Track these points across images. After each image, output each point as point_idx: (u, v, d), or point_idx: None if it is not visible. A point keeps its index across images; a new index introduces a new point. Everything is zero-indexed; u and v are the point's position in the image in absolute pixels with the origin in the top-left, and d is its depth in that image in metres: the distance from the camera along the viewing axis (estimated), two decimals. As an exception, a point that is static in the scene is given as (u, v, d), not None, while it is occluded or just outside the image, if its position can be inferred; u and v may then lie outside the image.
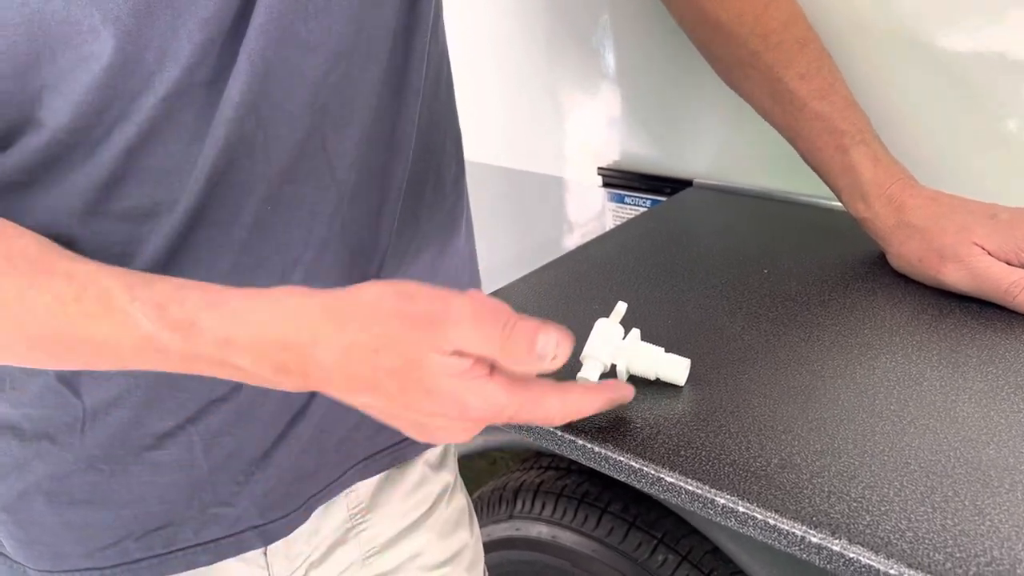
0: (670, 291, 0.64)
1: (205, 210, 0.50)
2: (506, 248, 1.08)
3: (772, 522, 0.41)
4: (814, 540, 0.40)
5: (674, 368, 0.51)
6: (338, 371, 0.41)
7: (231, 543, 0.60)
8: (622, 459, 0.46)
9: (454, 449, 0.79)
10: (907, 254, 0.61)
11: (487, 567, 0.84)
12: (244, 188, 0.51)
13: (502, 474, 1.12)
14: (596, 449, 0.47)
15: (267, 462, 0.59)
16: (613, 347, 0.51)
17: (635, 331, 0.52)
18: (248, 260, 0.53)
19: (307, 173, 0.53)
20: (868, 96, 0.67)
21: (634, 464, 0.46)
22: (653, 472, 0.45)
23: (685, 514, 0.93)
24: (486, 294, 0.45)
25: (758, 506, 0.42)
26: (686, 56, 0.79)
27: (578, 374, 0.51)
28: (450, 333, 0.39)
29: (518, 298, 0.65)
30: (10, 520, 0.57)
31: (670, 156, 0.89)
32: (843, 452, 0.45)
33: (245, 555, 0.62)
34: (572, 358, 0.52)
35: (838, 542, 0.39)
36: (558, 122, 0.97)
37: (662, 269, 0.68)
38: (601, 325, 0.51)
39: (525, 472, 1.07)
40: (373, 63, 0.54)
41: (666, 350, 0.52)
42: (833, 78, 0.65)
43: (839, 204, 0.67)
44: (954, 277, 0.58)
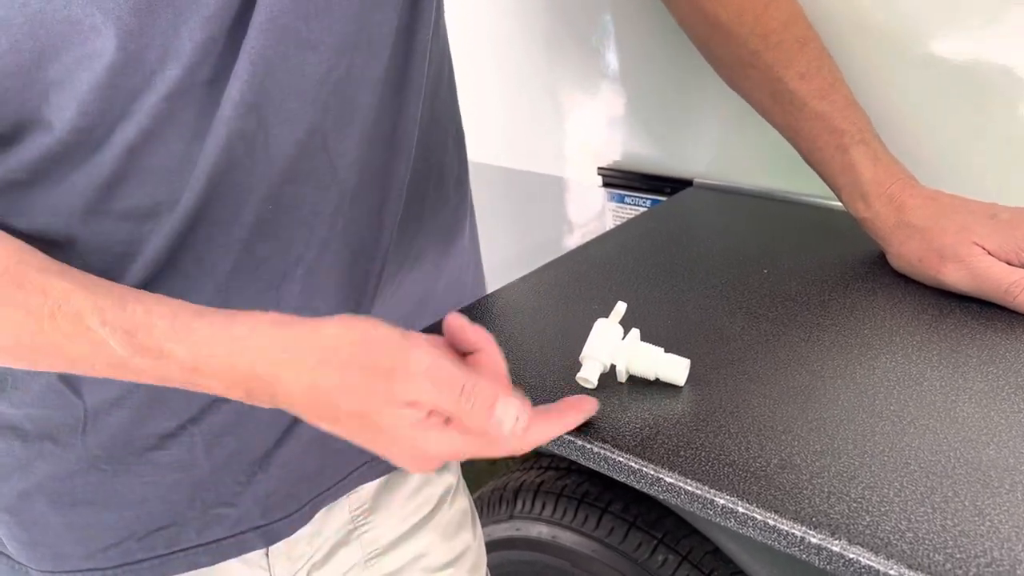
0: (670, 291, 0.64)
1: (206, 209, 0.50)
2: (506, 248, 1.08)
3: (772, 523, 0.41)
4: (814, 541, 0.40)
5: (674, 368, 0.51)
6: (301, 404, 0.43)
7: (233, 543, 0.60)
8: (622, 459, 0.46)
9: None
10: (907, 254, 0.61)
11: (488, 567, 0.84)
12: (245, 187, 0.51)
13: (502, 474, 1.12)
14: (596, 449, 0.47)
15: (269, 462, 0.59)
16: (612, 347, 0.51)
17: (635, 331, 0.52)
18: (249, 259, 0.53)
19: (308, 172, 0.53)
20: (868, 96, 0.67)
21: (633, 464, 0.46)
22: (653, 472, 0.45)
23: (685, 514, 0.93)
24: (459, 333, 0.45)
25: (758, 507, 0.42)
26: (686, 56, 0.79)
27: (578, 374, 0.51)
28: (408, 387, 0.41)
29: (518, 298, 0.65)
30: (12, 521, 0.57)
31: (670, 156, 0.89)
32: (843, 452, 0.45)
33: (247, 556, 0.62)
34: (572, 358, 0.53)
35: (838, 543, 0.39)
36: (558, 122, 0.97)
37: (662, 269, 0.68)
38: (600, 325, 0.51)
39: (525, 472, 1.07)
40: (374, 61, 0.54)
41: (666, 350, 0.52)
42: (833, 78, 0.65)
43: (839, 204, 0.66)
44: (954, 277, 0.58)
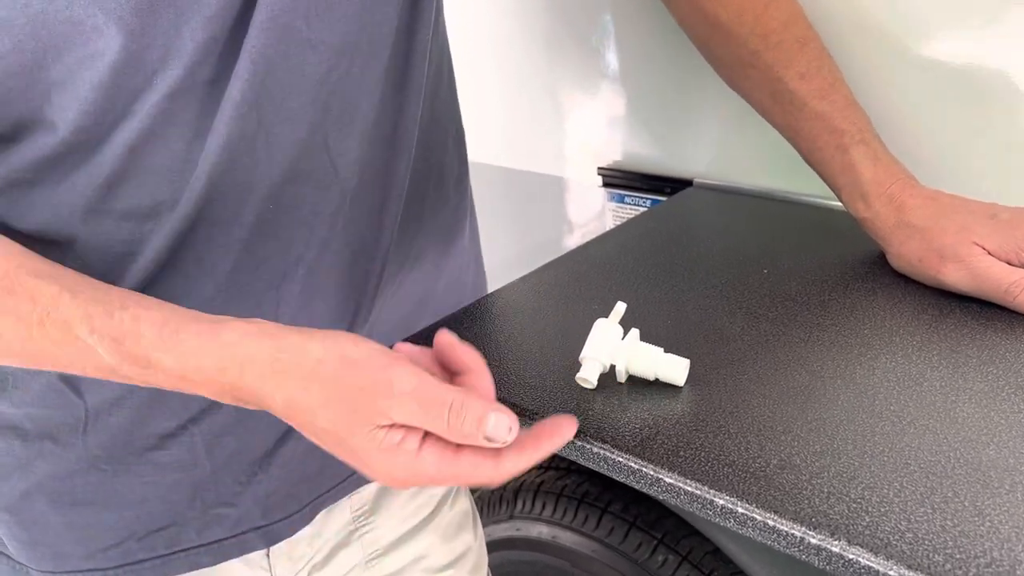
0: (670, 291, 0.64)
1: (207, 209, 0.50)
2: (506, 248, 1.08)
3: (771, 523, 0.41)
4: (813, 541, 0.40)
5: (673, 368, 0.51)
6: (284, 414, 0.43)
7: (234, 544, 0.60)
8: (621, 459, 0.46)
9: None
10: (907, 254, 0.61)
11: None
12: (246, 187, 0.51)
13: (503, 474, 1.11)
14: (596, 449, 0.47)
15: (269, 463, 0.59)
16: (612, 347, 0.51)
17: (634, 331, 0.52)
18: (250, 259, 0.53)
19: (309, 172, 0.53)
20: (868, 96, 0.67)
21: (633, 465, 0.46)
22: (652, 473, 0.45)
23: (685, 514, 0.93)
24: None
25: (757, 507, 0.42)
26: (686, 56, 0.79)
27: (577, 375, 0.51)
28: (391, 406, 0.40)
29: (518, 298, 0.65)
30: (12, 520, 0.57)
31: (670, 156, 0.89)
32: (843, 453, 0.45)
33: (248, 556, 0.62)
34: (572, 358, 0.53)
35: (837, 543, 0.39)
36: (558, 122, 0.97)
37: (662, 269, 0.68)
38: (600, 325, 0.51)
39: (525, 472, 1.07)
40: (375, 61, 0.54)
41: (665, 350, 0.52)
42: (833, 77, 0.65)
43: (839, 204, 0.66)
44: (954, 277, 0.58)
